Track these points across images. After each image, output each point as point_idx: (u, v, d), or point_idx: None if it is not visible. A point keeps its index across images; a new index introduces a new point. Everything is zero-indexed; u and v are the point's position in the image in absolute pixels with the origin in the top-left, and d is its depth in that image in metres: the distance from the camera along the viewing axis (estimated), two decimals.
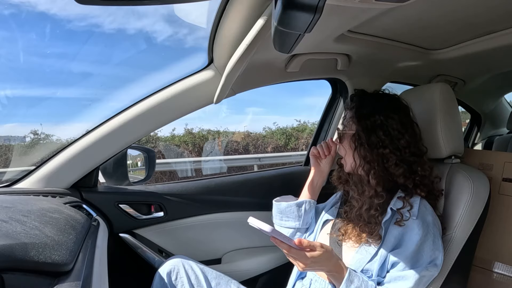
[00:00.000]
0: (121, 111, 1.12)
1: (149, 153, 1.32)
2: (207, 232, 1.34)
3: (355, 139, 0.92)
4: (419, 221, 0.83)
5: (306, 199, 1.08)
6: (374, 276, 0.82)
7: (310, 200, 1.07)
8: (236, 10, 0.76)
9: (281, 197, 1.13)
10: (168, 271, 1.01)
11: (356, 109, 0.94)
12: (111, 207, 1.18)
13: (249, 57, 0.80)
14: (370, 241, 0.86)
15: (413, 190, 0.89)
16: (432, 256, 0.82)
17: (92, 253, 0.73)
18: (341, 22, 0.83)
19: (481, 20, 0.95)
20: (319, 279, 0.92)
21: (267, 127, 8.11)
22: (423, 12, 0.87)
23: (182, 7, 0.88)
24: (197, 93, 1.13)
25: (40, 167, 1.09)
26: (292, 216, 1.06)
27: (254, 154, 6.90)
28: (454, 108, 1.02)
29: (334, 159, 1.07)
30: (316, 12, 0.41)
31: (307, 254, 0.74)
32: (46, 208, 0.79)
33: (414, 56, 1.22)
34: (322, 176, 1.09)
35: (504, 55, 1.19)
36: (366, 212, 0.89)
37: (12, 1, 6.93)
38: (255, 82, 1.23)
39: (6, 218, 0.64)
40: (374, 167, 0.89)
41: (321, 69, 1.28)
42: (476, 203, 0.91)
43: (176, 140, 7.03)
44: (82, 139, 1.09)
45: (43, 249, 0.57)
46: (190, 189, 1.32)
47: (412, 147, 0.90)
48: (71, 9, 8.66)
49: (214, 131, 7.56)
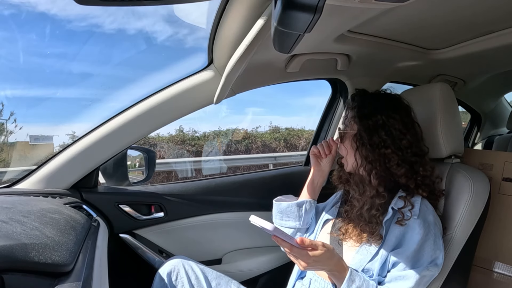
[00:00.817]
0: (121, 111, 1.12)
1: (149, 153, 1.32)
2: (207, 232, 1.34)
3: (357, 139, 0.92)
4: (420, 221, 0.83)
5: (306, 199, 1.07)
6: (375, 276, 0.82)
7: (310, 200, 1.07)
8: (236, 11, 0.76)
9: (281, 196, 1.12)
10: (168, 272, 1.01)
11: (357, 108, 0.94)
12: (111, 208, 1.18)
13: (249, 57, 0.80)
14: (371, 240, 0.86)
15: (414, 190, 0.88)
16: (433, 256, 0.82)
17: (92, 253, 0.73)
18: (341, 22, 0.83)
19: (481, 20, 0.95)
20: (318, 278, 0.92)
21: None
22: (423, 12, 0.87)
23: (182, 7, 0.88)
24: (197, 94, 1.13)
25: (40, 167, 1.09)
26: (292, 216, 1.06)
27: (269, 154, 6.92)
28: (454, 108, 1.02)
29: (334, 158, 1.07)
30: (316, 12, 0.41)
31: (309, 253, 0.74)
32: (46, 208, 0.79)
33: (414, 56, 1.22)
34: (323, 176, 1.08)
35: (504, 54, 1.19)
36: (367, 212, 0.89)
37: (12, 2, 6.95)
38: (255, 82, 1.23)
39: (6, 218, 0.64)
40: (376, 167, 0.89)
41: (321, 69, 1.28)
42: (476, 203, 0.91)
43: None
44: (82, 140, 1.09)
45: (43, 249, 0.57)
46: (190, 189, 1.32)
47: (414, 147, 0.90)
48: (71, 9, 8.68)
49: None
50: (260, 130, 8.01)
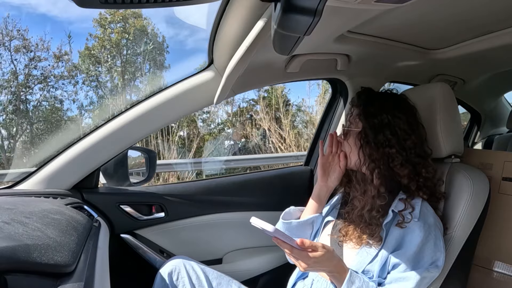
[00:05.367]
0: (122, 112, 1.12)
1: (150, 154, 1.32)
2: (208, 232, 1.34)
3: (361, 136, 0.91)
4: (421, 223, 0.83)
5: (314, 214, 1.03)
6: (375, 277, 0.83)
7: (318, 215, 1.03)
8: (236, 12, 0.77)
9: (287, 210, 1.07)
10: (169, 272, 1.01)
11: (363, 106, 0.94)
12: (112, 208, 1.18)
13: (249, 58, 0.80)
14: (371, 242, 0.86)
15: (415, 192, 0.88)
16: (434, 258, 0.82)
17: (93, 254, 0.73)
18: (341, 23, 0.84)
19: (481, 19, 0.95)
20: (321, 279, 0.92)
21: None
22: (422, 12, 0.87)
23: (183, 9, 0.88)
24: (197, 94, 1.13)
25: (41, 168, 1.09)
26: (302, 234, 1.04)
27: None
28: (454, 108, 1.03)
29: (343, 174, 1.01)
30: (316, 15, 0.41)
31: (309, 255, 0.74)
32: (48, 209, 0.79)
33: (414, 55, 1.22)
34: (329, 191, 1.04)
35: (504, 54, 1.19)
36: (368, 213, 0.89)
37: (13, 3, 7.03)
38: (255, 83, 1.23)
39: (8, 219, 0.64)
40: (379, 166, 0.88)
41: (321, 70, 1.29)
42: (476, 202, 0.92)
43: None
44: (83, 141, 1.09)
45: (45, 250, 0.57)
46: (191, 189, 1.32)
47: (418, 148, 0.90)
48: (73, 11, 8.69)
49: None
50: None
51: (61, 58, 7.83)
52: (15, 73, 7.36)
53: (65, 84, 8.03)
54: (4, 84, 7.26)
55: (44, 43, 7.63)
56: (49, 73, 7.71)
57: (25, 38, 7.51)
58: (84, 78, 8.12)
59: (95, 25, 8.20)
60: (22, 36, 7.48)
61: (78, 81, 8.11)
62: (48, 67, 7.72)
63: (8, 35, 7.33)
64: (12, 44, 7.36)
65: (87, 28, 9.52)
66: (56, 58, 7.75)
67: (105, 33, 8.20)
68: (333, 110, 1.56)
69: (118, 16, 8.10)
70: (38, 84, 7.61)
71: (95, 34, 8.23)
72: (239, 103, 8.32)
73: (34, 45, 7.56)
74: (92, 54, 8.05)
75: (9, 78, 7.35)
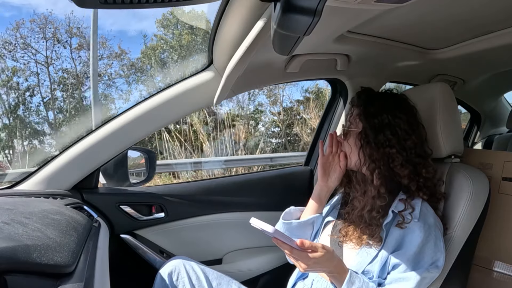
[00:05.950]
0: (121, 112, 1.12)
1: (150, 154, 1.32)
2: (208, 232, 1.34)
3: (362, 137, 0.91)
4: (421, 223, 0.83)
5: (314, 215, 1.03)
6: (375, 278, 0.83)
7: (318, 215, 1.03)
8: (236, 12, 0.77)
9: (287, 210, 1.07)
10: (169, 272, 1.01)
11: (364, 106, 0.93)
12: (112, 208, 1.18)
13: (249, 58, 0.80)
14: (371, 243, 0.86)
15: (415, 192, 0.88)
16: (434, 258, 0.82)
17: (93, 254, 0.73)
18: (341, 23, 0.84)
19: (481, 19, 0.95)
20: (321, 279, 0.92)
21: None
22: (422, 12, 0.87)
23: (182, 9, 0.88)
24: (197, 94, 1.13)
25: (41, 168, 1.09)
26: (302, 235, 1.04)
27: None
28: (454, 108, 1.03)
29: (343, 174, 1.01)
30: (315, 15, 0.41)
31: (309, 255, 0.74)
32: (48, 209, 0.79)
33: (414, 56, 1.22)
34: (329, 191, 1.04)
35: (504, 54, 1.19)
36: (368, 214, 0.89)
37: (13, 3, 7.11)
38: (255, 83, 1.24)
39: (8, 220, 0.64)
40: (379, 166, 0.88)
41: (321, 70, 1.29)
42: (476, 202, 0.92)
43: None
44: (82, 141, 1.09)
45: (45, 251, 0.57)
46: (190, 189, 1.32)
47: (418, 148, 0.90)
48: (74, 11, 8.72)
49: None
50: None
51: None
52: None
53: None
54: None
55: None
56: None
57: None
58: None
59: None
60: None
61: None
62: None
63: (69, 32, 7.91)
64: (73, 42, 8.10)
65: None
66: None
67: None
68: (333, 110, 1.56)
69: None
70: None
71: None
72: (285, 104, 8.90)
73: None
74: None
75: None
